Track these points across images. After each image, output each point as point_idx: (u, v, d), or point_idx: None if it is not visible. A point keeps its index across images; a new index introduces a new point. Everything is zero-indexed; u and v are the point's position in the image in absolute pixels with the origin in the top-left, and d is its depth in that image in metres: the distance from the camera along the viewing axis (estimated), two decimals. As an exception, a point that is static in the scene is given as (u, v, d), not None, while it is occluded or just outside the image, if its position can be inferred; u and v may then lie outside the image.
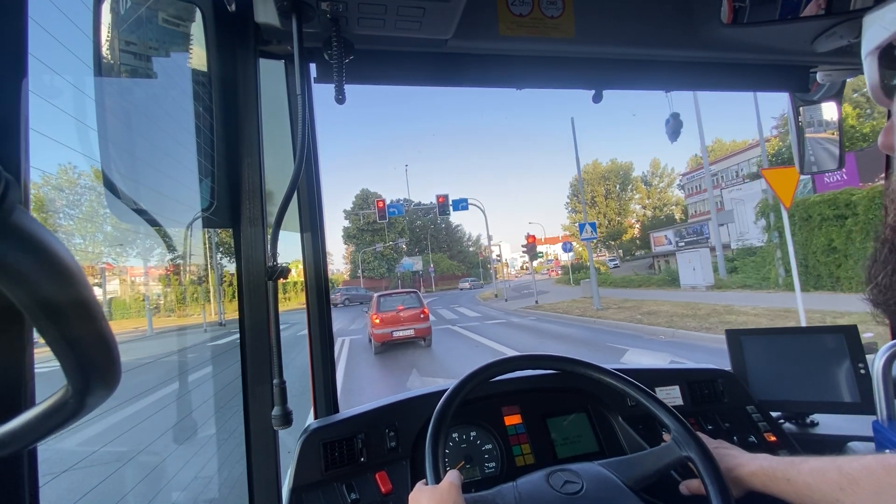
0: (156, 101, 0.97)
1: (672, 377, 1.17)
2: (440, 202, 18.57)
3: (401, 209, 22.33)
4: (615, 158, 51.20)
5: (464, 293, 34.16)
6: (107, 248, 5.51)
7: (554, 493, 0.68)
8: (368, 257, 46.58)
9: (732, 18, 0.89)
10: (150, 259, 5.63)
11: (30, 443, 0.32)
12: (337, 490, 0.87)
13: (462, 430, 1.01)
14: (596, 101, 1.10)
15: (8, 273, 0.24)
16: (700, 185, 35.09)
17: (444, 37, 0.87)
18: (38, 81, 0.60)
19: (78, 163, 3.75)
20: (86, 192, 4.31)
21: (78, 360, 0.29)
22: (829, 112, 1.29)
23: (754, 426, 1.10)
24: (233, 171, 0.87)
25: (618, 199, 49.41)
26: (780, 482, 0.64)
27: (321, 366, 1.05)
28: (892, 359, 0.98)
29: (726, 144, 45.27)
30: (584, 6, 0.94)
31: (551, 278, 47.10)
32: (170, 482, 2.10)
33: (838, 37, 0.91)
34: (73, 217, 4.55)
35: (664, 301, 13.65)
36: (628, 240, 49.01)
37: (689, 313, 10.23)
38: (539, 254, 48.64)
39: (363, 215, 43.70)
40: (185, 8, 0.87)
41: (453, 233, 58.59)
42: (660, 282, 20.39)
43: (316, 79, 0.91)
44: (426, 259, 48.00)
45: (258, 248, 0.87)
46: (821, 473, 0.58)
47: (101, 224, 4.46)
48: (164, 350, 4.77)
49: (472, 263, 57.34)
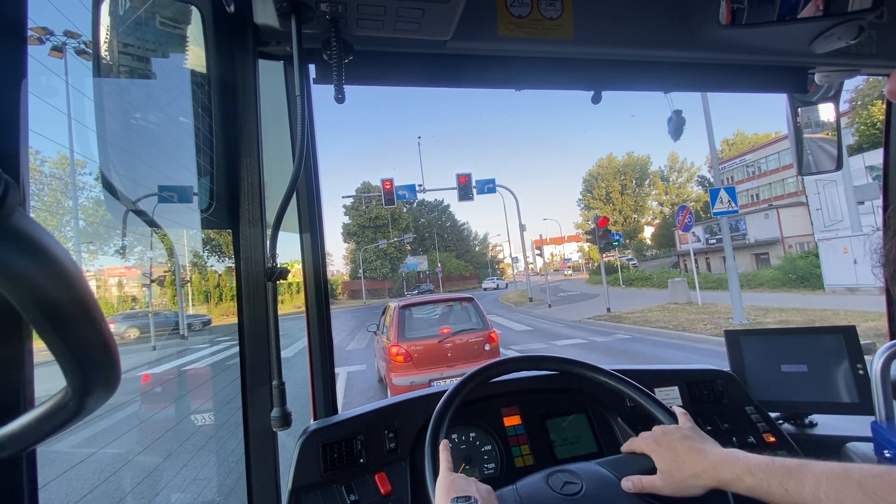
0: (155, 102, 0.97)
1: (671, 378, 1.17)
2: (461, 182, 14.89)
3: (413, 190, 17.76)
4: (631, 152, 50.55)
5: (487, 293, 31.56)
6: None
7: (554, 493, 0.68)
8: (370, 256, 45.37)
9: (731, 20, 0.90)
10: (133, 260, 5.29)
11: (29, 444, 0.32)
12: (336, 491, 0.86)
13: (461, 432, 1.01)
14: (595, 101, 1.10)
15: (7, 275, 0.24)
16: (732, 177, 33.97)
17: (444, 38, 0.87)
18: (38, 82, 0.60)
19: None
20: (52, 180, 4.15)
21: (77, 361, 0.29)
22: (827, 113, 1.30)
23: (753, 427, 1.11)
24: (232, 172, 0.87)
25: (634, 195, 48.48)
26: (774, 492, 0.55)
27: (320, 367, 1.05)
28: (890, 359, 0.98)
29: (748, 137, 44.81)
30: (583, 7, 0.94)
31: (568, 279, 45.62)
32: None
33: (836, 38, 0.91)
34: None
35: (833, 309, 9.49)
36: (636, 241, 48.48)
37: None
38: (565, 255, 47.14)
39: (364, 200, 41.53)
40: (184, 9, 0.87)
41: (460, 231, 57.46)
42: (754, 281, 17.10)
43: (315, 80, 0.91)
44: (432, 258, 46.95)
45: (257, 249, 0.87)
46: (834, 488, 0.49)
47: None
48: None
49: (479, 263, 56.55)
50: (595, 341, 9.52)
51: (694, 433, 0.70)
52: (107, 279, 8.00)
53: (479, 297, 6.46)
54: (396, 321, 5.34)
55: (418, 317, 5.69)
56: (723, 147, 43.59)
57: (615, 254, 34.81)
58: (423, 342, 5.22)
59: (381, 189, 15.72)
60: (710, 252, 28.00)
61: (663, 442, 0.70)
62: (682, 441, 0.68)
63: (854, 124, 20.59)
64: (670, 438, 0.69)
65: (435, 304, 5.97)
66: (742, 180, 33.87)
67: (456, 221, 57.24)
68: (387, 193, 15.48)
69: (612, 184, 48.54)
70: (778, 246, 23.83)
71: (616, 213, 47.70)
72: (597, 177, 50.03)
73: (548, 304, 18.51)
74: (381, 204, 16.65)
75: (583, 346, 9.13)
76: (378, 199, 21.76)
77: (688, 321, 10.24)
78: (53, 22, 1.84)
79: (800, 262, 16.86)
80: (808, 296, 13.26)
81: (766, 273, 18.56)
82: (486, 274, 52.65)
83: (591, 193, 50.25)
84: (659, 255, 41.20)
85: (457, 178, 14.92)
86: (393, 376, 5.08)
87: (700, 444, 0.67)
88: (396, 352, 5.11)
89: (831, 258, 13.46)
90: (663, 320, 10.80)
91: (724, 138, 45.76)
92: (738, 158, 35.17)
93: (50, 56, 1.87)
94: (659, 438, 0.71)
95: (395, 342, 5.16)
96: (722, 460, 0.62)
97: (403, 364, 5.10)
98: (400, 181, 18.69)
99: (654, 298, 16.42)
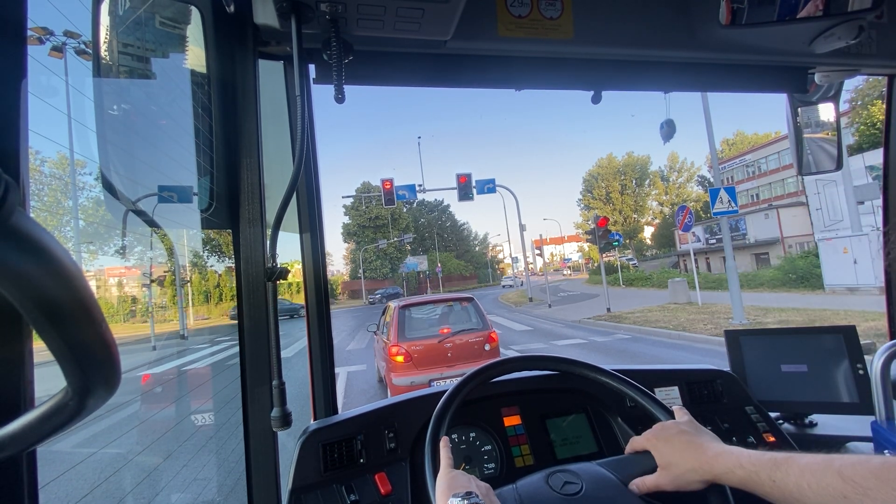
0: (155, 102, 0.97)
1: (671, 378, 1.17)
2: (461, 182, 14.94)
3: (413, 190, 17.88)
4: (631, 152, 50.58)
5: (485, 296, 31.78)
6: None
7: (554, 493, 0.68)
8: (370, 255, 45.41)
9: (731, 20, 0.90)
10: (132, 260, 5.26)
11: (30, 445, 0.32)
12: (336, 491, 0.86)
13: (461, 431, 1.01)
14: (595, 101, 1.10)
15: (7, 275, 0.24)
16: (732, 177, 33.87)
17: (444, 38, 0.87)
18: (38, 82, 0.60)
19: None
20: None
21: (78, 361, 0.29)
22: (827, 113, 1.30)
23: (753, 426, 1.11)
24: (232, 172, 0.87)
25: (634, 195, 48.46)
26: (763, 483, 0.56)
27: (320, 367, 1.05)
28: (890, 359, 0.98)
29: (748, 137, 44.81)
30: (583, 7, 0.94)
31: (568, 279, 45.67)
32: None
33: (836, 38, 0.91)
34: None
35: (833, 309, 9.38)
36: (636, 241, 48.46)
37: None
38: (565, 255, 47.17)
39: (364, 200, 41.58)
40: (184, 9, 0.87)
41: (460, 231, 57.40)
42: (755, 280, 16.97)
43: (315, 79, 0.91)
44: (432, 258, 46.90)
45: (257, 249, 0.87)
46: (815, 477, 0.50)
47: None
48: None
49: (479, 263, 56.54)
50: (595, 341, 9.48)
51: (691, 427, 0.70)
52: (107, 279, 8.00)
53: (480, 297, 6.42)
54: (396, 321, 5.31)
55: (418, 317, 5.66)
56: (723, 147, 43.55)
57: (615, 254, 34.74)
58: (423, 342, 5.20)
59: (381, 189, 15.71)
60: (710, 252, 28.00)
61: (661, 436, 0.70)
62: (680, 436, 0.68)
63: (854, 124, 20.59)
64: (668, 433, 0.70)
65: (435, 304, 5.93)
66: (742, 180, 33.84)
67: (456, 221, 57.23)
68: (387, 193, 15.46)
69: (612, 184, 48.51)
70: (778, 246, 23.82)
71: (616, 213, 47.66)
72: (597, 177, 50.03)
73: (548, 304, 18.44)
74: (381, 204, 16.67)
75: (583, 346, 9.10)
76: (378, 199, 21.82)
77: (688, 321, 10.20)
78: (53, 22, 1.84)
79: (800, 262, 16.80)
80: (808, 296, 13.19)
81: (766, 273, 18.51)
82: (486, 274, 53.38)
83: (591, 193, 50.19)
84: (659, 255, 41.13)
85: (457, 178, 14.92)
86: (393, 376, 5.07)
87: (698, 439, 0.67)
88: (396, 352, 5.10)
89: (831, 258, 13.43)
90: (663, 320, 10.73)
91: (724, 138, 45.82)
92: (738, 158, 35.14)
93: (50, 56, 1.87)
94: (658, 433, 0.71)
95: (395, 342, 5.14)
96: (717, 454, 0.63)
97: (403, 364, 5.08)
98: (400, 181, 18.76)
99: (654, 298, 16.42)
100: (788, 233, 23.79)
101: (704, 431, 0.70)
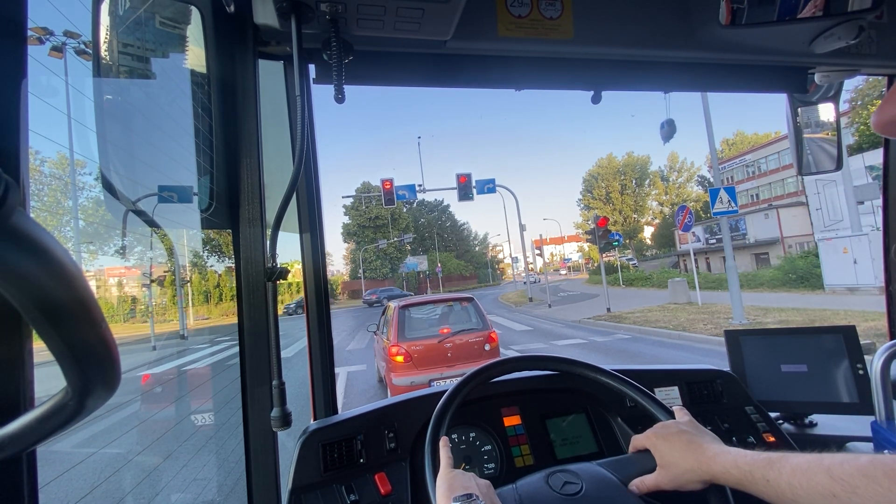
0: (155, 102, 0.97)
1: (671, 378, 1.17)
2: (461, 182, 14.91)
3: (412, 190, 17.80)
4: (631, 152, 50.60)
5: (485, 295, 32.03)
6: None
7: (554, 493, 0.68)
8: (370, 255, 45.37)
9: (731, 20, 0.90)
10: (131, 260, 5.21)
11: (29, 445, 0.32)
12: (336, 491, 0.86)
13: (461, 431, 1.01)
14: (595, 101, 1.10)
15: (7, 275, 0.24)
16: (732, 177, 33.83)
17: (444, 38, 0.88)
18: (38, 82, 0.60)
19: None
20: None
21: (77, 361, 0.29)
22: (826, 113, 1.30)
23: (753, 427, 1.11)
24: (232, 173, 0.87)
25: (634, 195, 48.43)
26: (757, 482, 0.56)
27: (320, 367, 1.05)
28: (890, 359, 0.98)
29: (748, 137, 44.79)
30: (583, 7, 0.94)
31: (568, 279, 45.74)
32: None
33: (836, 38, 0.91)
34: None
35: (833, 309, 9.34)
36: (637, 241, 48.46)
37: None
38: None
39: (364, 200, 41.49)
40: (184, 9, 0.87)
41: (460, 231, 57.28)
42: (752, 281, 16.86)
43: (315, 79, 0.91)
44: (432, 258, 46.80)
45: (257, 249, 0.87)
46: (806, 476, 0.51)
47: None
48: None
49: (479, 263, 56.51)
50: (595, 341, 9.46)
51: (691, 427, 0.70)
52: (107, 279, 7.99)
53: (479, 297, 6.44)
54: (396, 321, 5.31)
55: (418, 317, 5.65)
56: (723, 147, 43.57)
57: (615, 254, 34.75)
58: (423, 342, 5.19)
59: (381, 189, 15.67)
60: (710, 252, 28.01)
61: (661, 435, 0.70)
62: (680, 435, 0.68)
63: (854, 124, 20.57)
64: (668, 432, 0.70)
65: (435, 304, 5.91)
66: (742, 180, 33.85)
67: (456, 221, 57.13)
68: (387, 193, 15.41)
69: (612, 184, 48.49)
70: (778, 246, 23.83)
71: (616, 213, 47.65)
72: (597, 177, 50.04)
73: (548, 304, 18.45)
74: (381, 204, 16.60)
75: (583, 346, 9.09)
76: (378, 199, 21.76)
77: (688, 321, 10.19)
78: (53, 22, 1.84)
79: (800, 262, 16.78)
80: (808, 296, 13.19)
81: (765, 273, 18.48)
82: (486, 274, 53.39)
83: (591, 193, 50.19)
84: (659, 255, 41.10)
85: (457, 178, 14.88)
86: (393, 376, 5.06)
87: (698, 439, 0.67)
88: (396, 352, 5.10)
89: (831, 258, 13.42)
90: (663, 320, 10.73)
91: (724, 138, 45.85)
92: (738, 158, 35.14)
93: (50, 56, 1.87)
94: (658, 432, 0.71)
95: (395, 342, 5.14)
96: (715, 455, 0.63)
97: (403, 364, 5.07)
98: (400, 181, 18.75)
99: (654, 298, 16.42)
100: (788, 233, 23.82)
101: (704, 432, 0.70)
